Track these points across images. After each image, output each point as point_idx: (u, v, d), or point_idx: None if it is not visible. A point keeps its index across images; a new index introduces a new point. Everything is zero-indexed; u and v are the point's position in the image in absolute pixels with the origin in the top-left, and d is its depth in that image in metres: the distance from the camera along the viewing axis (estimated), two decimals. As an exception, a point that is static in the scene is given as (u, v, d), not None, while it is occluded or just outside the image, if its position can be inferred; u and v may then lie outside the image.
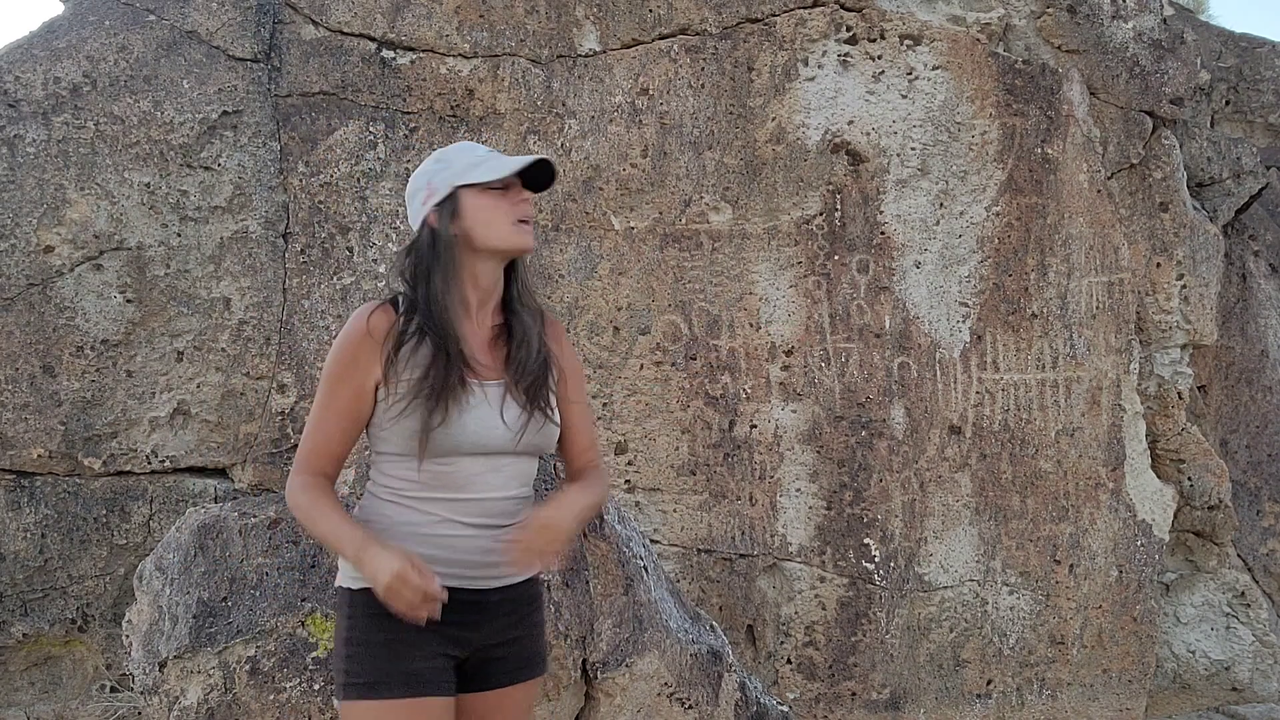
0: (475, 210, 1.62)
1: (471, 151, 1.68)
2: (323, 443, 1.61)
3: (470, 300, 1.66)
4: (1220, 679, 4.03)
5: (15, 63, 3.18)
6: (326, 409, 1.61)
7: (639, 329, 3.41)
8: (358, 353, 1.59)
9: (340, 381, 1.59)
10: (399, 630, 1.54)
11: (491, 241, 1.63)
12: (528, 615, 1.73)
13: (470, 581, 1.61)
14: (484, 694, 1.67)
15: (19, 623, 3.19)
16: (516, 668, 1.70)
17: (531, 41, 3.41)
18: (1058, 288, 3.59)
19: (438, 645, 1.59)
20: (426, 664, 1.57)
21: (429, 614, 1.47)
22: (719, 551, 3.41)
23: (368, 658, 1.56)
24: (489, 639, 1.66)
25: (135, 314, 3.23)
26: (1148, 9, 3.77)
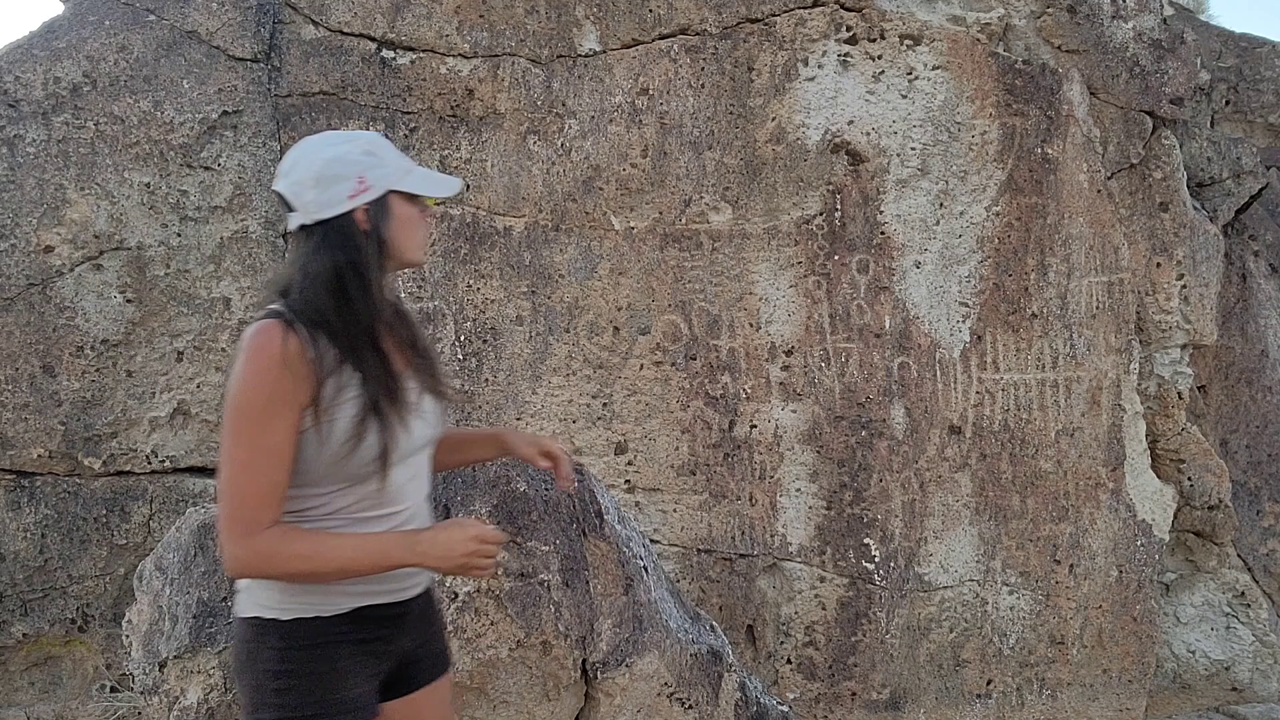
0: (404, 219, 1.55)
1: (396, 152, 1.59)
2: (270, 489, 1.41)
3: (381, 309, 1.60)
4: (1220, 679, 4.03)
5: (15, 63, 3.18)
6: (261, 450, 1.40)
7: (639, 329, 3.41)
8: (279, 391, 1.41)
9: (271, 416, 1.40)
10: (336, 658, 1.51)
11: (408, 254, 1.57)
12: (435, 613, 1.75)
13: (399, 594, 1.60)
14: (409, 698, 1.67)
15: (19, 623, 3.19)
16: (432, 666, 1.71)
17: (531, 41, 3.41)
18: (1058, 288, 3.59)
19: (370, 667, 1.57)
20: (362, 688, 1.54)
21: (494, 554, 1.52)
22: (719, 551, 3.41)
23: (304, 690, 1.49)
24: (409, 645, 1.65)
25: (135, 314, 3.23)
26: (1148, 9, 3.77)
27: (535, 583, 2.32)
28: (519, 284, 3.38)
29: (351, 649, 1.54)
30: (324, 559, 1.43)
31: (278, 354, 1.40)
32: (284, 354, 1.40)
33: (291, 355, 1.41)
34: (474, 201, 3.38)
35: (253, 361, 1.41)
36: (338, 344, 1.46)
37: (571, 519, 2.45)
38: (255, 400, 1.41)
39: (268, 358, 1.40)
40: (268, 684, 1.49)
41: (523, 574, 2.31)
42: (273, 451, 1.41)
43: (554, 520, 2.40)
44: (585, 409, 3.39)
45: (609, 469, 3.37)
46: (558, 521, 2.41)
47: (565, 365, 3.38)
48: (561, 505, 2.44)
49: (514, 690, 2.33)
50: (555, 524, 2.39)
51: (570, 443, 3.36)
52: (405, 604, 1.62)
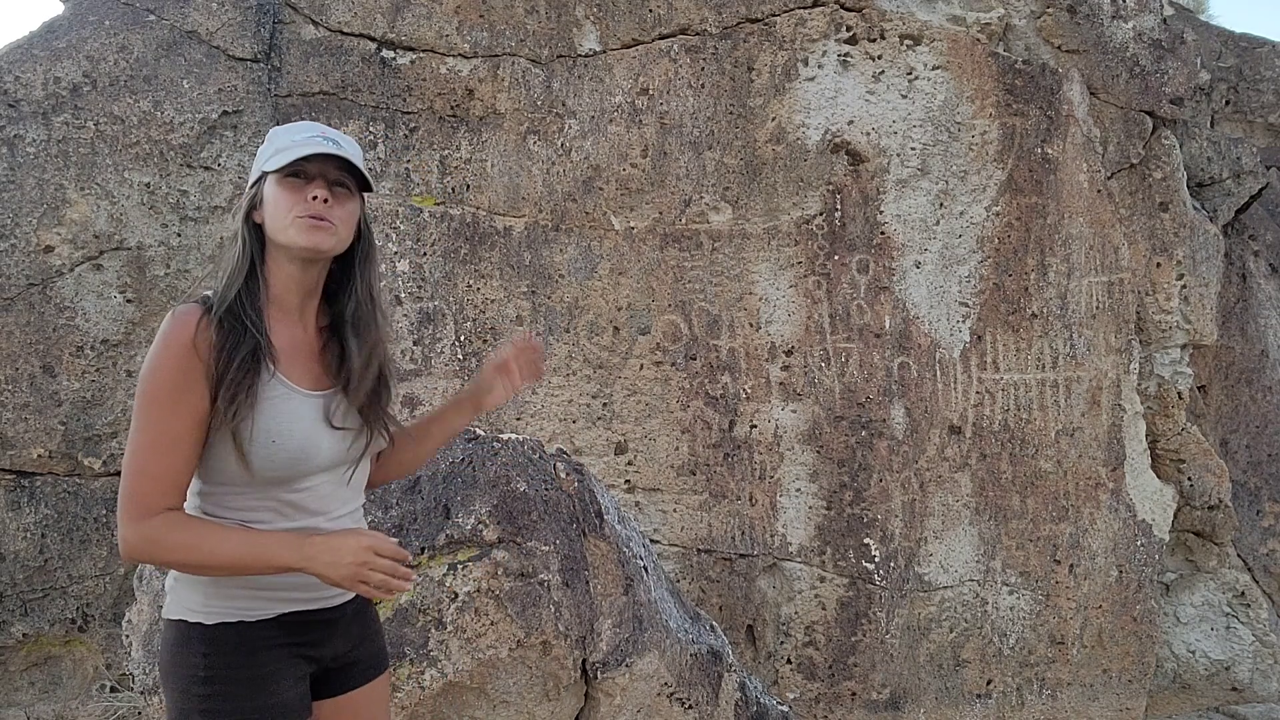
0: (270, 201, 1.46)
1: (294, 133, 1.48)
2: (167, 475, 1.38)
3: (287, 300, 1.51)
4: (1220, 679, 4.03)
5: (15, 63, 3.18)
6: (161, 434, 1.37)
7: (639, 329, 3.41)
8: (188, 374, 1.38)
9: (173, 401, 1.37)
10: (262, 664, 1.48)
11: (278, 237, 1.46)
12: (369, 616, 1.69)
13: (328, 600, 1.56)
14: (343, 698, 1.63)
15: (19, 623, 3.19)
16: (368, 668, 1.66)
17: (531, 41, 3.41)
18: (1058, 288, 3.59)
19: (298, 670, 1.53)
20: (290, 692, 1.50)
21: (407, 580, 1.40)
22: (719, 551, 3.41)
23: (229, 695, 1.44)
24: (340, 649, 1.61)
25: (135, 314, 3.23)
26: (1148, 9, 3.77)
27: (535, 583, 2.32)
28: (519, 284, 3.38)
29: (279, 653, 1.50)
30: (208, 551, 1.37)
31: (188, 336, 1.38)
32: (194, 344, 1.38)
33: (200, 345, 1.38)
34: (474, 201, 3.38)
35: (161, 344, 1.39)
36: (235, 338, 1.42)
37: (571, 519, 2.44)
38: (160, 383, 1.38)
39: (176, 340, 1.38)
40: (194, 689, 1.45)
41: (523, 574, 2.31)
42: (174, 437, 1.38)
43: (554, 520, 2.40)
44: (585, 409, 3.39)
45: (609, 469, 3.37)
46: (558, 521, 2.40)
47: (565, 365, 3.38)
48: (561, 505, 2.44)
49: (514, 690, 2.33)
50: (555, 524, 2.39)
51: (570, 443, 3.36)
52: (334, 609, 1.58)
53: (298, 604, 1.52)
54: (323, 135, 1.47)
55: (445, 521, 2.30)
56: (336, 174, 1.48)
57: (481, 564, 2.26)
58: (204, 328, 1.39)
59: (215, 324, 1.40)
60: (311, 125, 1.51)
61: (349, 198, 1.51)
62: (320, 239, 1.45)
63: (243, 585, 1.47)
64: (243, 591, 1.47)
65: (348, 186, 1.50)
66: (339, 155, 1.45)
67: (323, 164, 1.47)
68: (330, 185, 1.48)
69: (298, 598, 1.52)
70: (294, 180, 1.46)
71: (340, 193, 1.49)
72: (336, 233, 1.47)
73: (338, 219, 1.47)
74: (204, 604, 1.47)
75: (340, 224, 1.48)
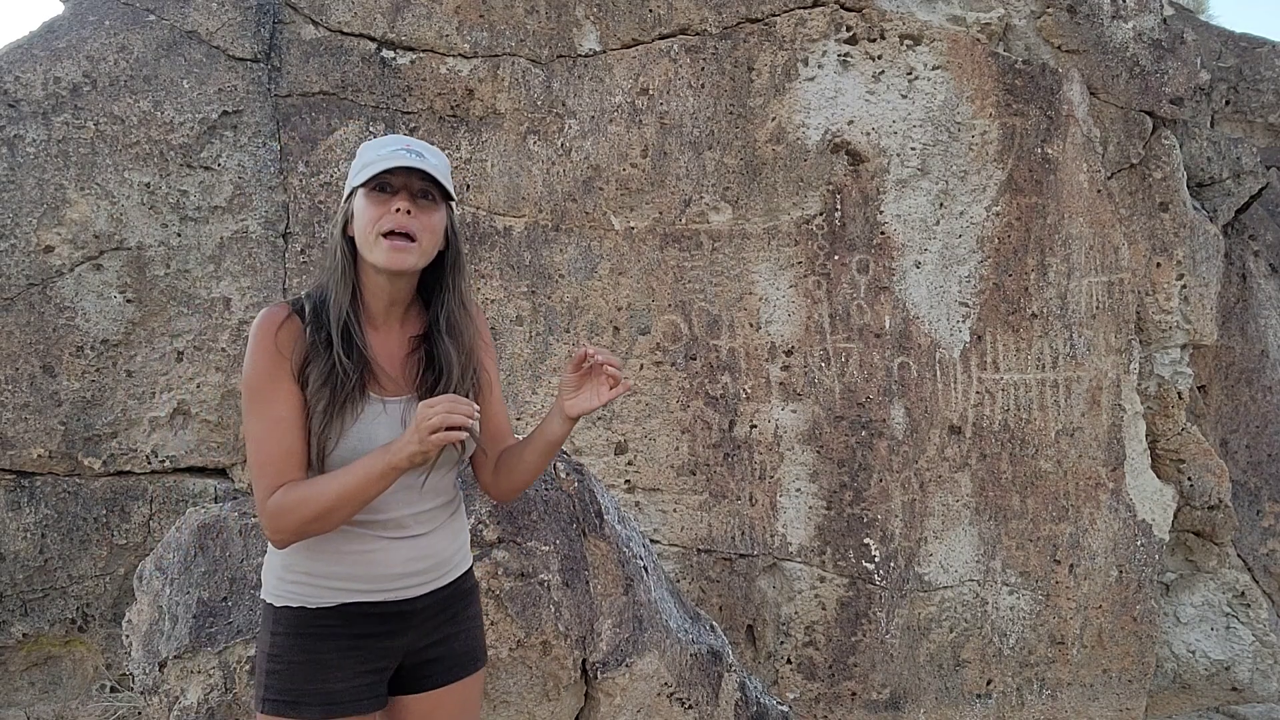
0: (358, 215, 1.52)
1: (380, 147, 1.53)
2: (283, 454, 1.47)
3: (374, 307, 1.57)
4: (1220, 679, 4.03)
5: (15, 63, 3.18)
6: (268, 420, 1.48)
7: (639, 329, 3.41)
8: (275, 368, 1.48)
9: (272, 390, 1.48)
10: (319, 651, 1.53)
11: (365, 253, 1.52)
12: (460, 612, 1.69)
13: (394, 594, 1.58)
14: (422, 695, 1.65)
15: (19, 623, 3.19)
16: (452, 666, 1.67)
17: (531, 41, 3.41)
18: (1058, 288, 3.59)
19: (360, 664, 1.56)
20: (346, 684, 1.54)
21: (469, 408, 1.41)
22: (719, 551, 3.41)
23: (287, 675, 1.53)
24: (418, 643, 1.63)
25: (135, 314, 3.23)
26: (1148, 9, 3.77)
27: (535, 583, 2.32)
28: (519, 284, 3.38)
29: (339, 644, 1.54)
30: (318, 496, 1.44)
31: (272, 331, 1.49)
32: (277, 332, 1.49)
33: (283, 333, 1.49)
34: (474, 201, 3.38)
35: (253, 341, 1.50)
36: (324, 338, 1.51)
37: (571, 519, 2.45)
38: (257, 376, 1.49)
39: (264, 336, 1.49)
40: (263, 664, 1.56)
41: (523, 574, 2.31)
42: (281, 421, 1.47)
43: (554, 520, 2.40)
44: (585, 409, 3.38)
45: (609, 469, 3.37)
46: (558, 521, 2.40)
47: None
48: (561, 505, 2.44)
49: (514, 690, 2.33)
50: (555, 524, 2.39)
51: (570, 443, 3.36)
52: (404, 603, 1.59)
53: (357, 595, 1.56)
54: (407, 148, 1.51)
55: (445, 521, 2.29)
56: (421, 185, 1.52)
57: (481, 564, 2.26)
58: (287, 327, 1.50)
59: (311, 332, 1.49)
60: (398, 139, 1.55)
61: (434, 209, 1.55)
62: (401, 259, 1.50)
63: (306, 572, 1.55)
64: (305, 578, 1.55)
65: (433, 197, 1.55)
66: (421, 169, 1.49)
67: (407, 177, 1.51)
68: (414, 197, 1.52)
69: (356, 589, 1.55)
70: (379, 195, 1.51)
71: (424, 204, 1.53)
72: (418, 248, 1.52)
73: (420, 231, 1.51)
74: (276, 587, 1.57)
75: (423, 236, 1.52)
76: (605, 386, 1.63)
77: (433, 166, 1.51)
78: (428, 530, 1.62)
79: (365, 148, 1.55)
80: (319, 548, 1.54)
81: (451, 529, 1.69)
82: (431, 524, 1.63)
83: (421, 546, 1.61)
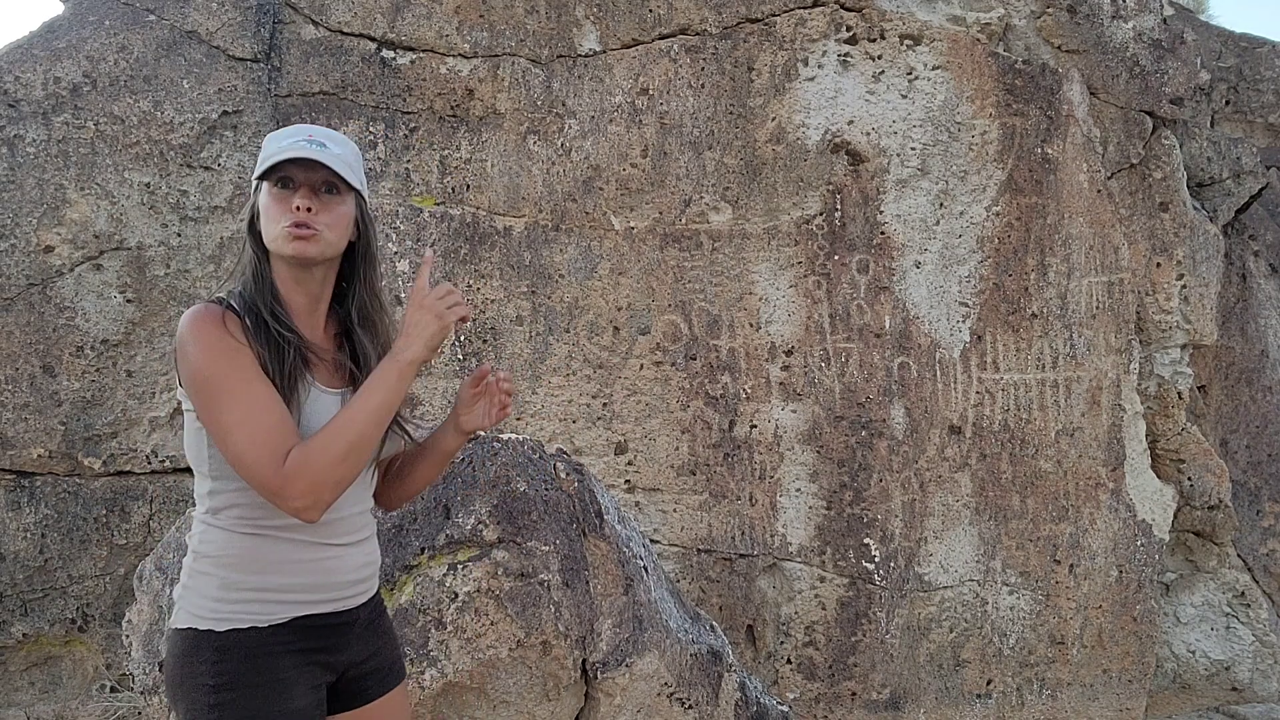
0: (263, 211, 1.46)
1: (281, 139, 1.46)
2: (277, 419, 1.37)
3: (295, 301, 1.50)
4: (1220, 679, 4.03)
5: (15, 63, 3.18)
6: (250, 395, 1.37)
7: (639, 329, 3.41)
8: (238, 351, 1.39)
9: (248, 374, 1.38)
10: (276, 669, 1.45)
11: (270, 246, 1.46)
12: (384, 623, 1.68)
13: (342, 603, 1.54)
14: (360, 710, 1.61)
15: (19, 623, 3.19)
16: (385, 677, 1.64)
17: (531, 41, 3.41)
18: (1058, 288, 3.59)
19: (312, 678, 1.50)
20: (304, 700, 1.47)
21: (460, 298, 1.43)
22: (719, 551, 3.41)
23: (242, 704, 1.42)
24: (356, 656, 1.59)
25: (135, 314, 3.23)
26: (1148, 9, 3.77)
27: (535, 583, 2.32)
28: (519, 284, 3.38)
29: (293, 660, 1.47)
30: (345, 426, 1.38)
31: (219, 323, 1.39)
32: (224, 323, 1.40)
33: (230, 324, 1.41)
34: (474, 201, 3.38)
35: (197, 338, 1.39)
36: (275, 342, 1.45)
37: (571, 519, 2.44)
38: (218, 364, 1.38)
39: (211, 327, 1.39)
40: (203, 699, 1.41)
41: (523, 574, 2.31)
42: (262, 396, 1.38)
43: (554, 520, 2.40)
44: (585, 409, 3.39)
45: (609, 469, 3.37)
46: (558, 521, 2.40)
47: (565, 365, 3.38)
48: (561, 505, 2.44)
49: (514, 690, 2.33)
50: (555, 524, 2.39)
51: (570, 443, 3.36)
52: (349, 613, 1.56)
53: (312, 606, 1.49)
54: (308, 139, 1.44)
55: (445, 521, 2.30)
56: (325, 177, 1.45)
57: (481, 564, 2.26)
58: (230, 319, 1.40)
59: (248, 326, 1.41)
60: (301, 129, 1.48)
61: (338, 201, 1.48)
62: (303, 248, 1.43)
63: (255, 589, 1.45)
64: (256, 595, 1.45)
65: (337, 190, 1.47)
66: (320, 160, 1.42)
67: (308, 169, 1.44)
68: (316, 190, 1.45)
69: (312, 600, 1.49)
70: (281, 190, 1.44)
71: (329, 198, 1.46)
72: (321, 238, 1.44)
73: (324, 225, 1.45)
74: (213, 610, 1.44)
75: (327, 229, 1.45)
76: (496, 408, 1.63)
77: (334, 157, 1.44)
78: (368, 535, 1.61)
79: (269, 139, 1.48)
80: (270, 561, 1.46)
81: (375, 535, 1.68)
82: (370, 528, 1.62)
83: (367, 553, 1.59)
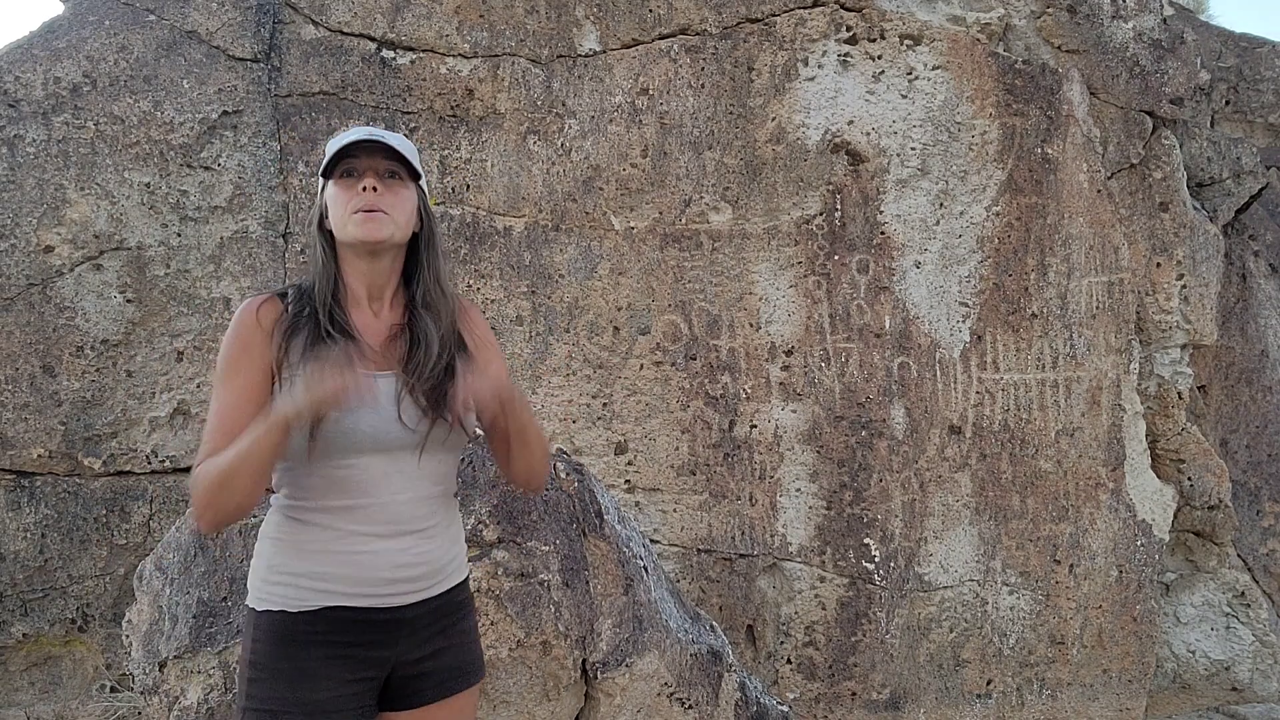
0: (330, 203, 1.53)
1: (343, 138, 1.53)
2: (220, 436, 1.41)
3: (358, 292, 1.55)
4: (1220, 679, 4.03)
5: (15, 63, 3.18)
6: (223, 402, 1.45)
7: (639, 329, 3.41)
8: (250, 342, 1.47)
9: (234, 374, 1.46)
10: (301, 658, 1.46)
11: (340, 235, 1.52)
12: (454, 625, 1.61)
13: (383, 600, 1.51)
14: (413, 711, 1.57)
15: (19, 623, 3.19)
16: (444, 680, 1.59)
17: (531, 41, 3.41)
18: (1058, 288, 3.59)
19: (346, 672, 1.49)
20: (330, 694, 1.47)
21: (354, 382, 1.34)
22: (719, 551, 3.41)
23: (268, 684, 1.46)
24: (408, 654, 1.55)
25: (135, 314, 3.23)
26: (1148, 9, 3.77)
27: (535, 583, 2.32)
28: (519, 284, 3.38)
29: (323, 651, 1.47)
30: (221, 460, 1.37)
31: (250, 319, 1.49)
32: (256, 319, 1.49)
33: (263, 311, 1.50)
34: (474, 201, 3.38)
35: (230, 328, 1.51)
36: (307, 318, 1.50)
37: (571, 519, 2.45)
38: (223, 361, 1.49)
39: (242, 323, 1.50)
40: (244, 673, 1.50)
41: (523, 574, 2.31)
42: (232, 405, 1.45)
43: (554, 520, 2.40)
44: (585, 409, 3.39)
45: (609, 469, 3.37)
46: (558, 521, 2.41)
47: (565, 365, 3.38)
48: (561, 505, 2.44)
49: (514, 690, 2.33)
50: (555, 524, 2.39)
51: (570, 443, 3.36)
52: (393, 610, 1.52)
53: (342, 599, 1.48)
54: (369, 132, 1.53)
55: (445, 521, 2.29)
56: (386, 165, 1.52)
57: (481, 564, 2.26)
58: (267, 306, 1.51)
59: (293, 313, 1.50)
60: (361, 129, 1.55)
61: (402, 185, 1.54)
62: (373, 229, 1.49)
63: (290, 573, 1.49)
64: (288, 579, 1.49)
65: (400, 176, 1.54)
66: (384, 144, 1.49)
67: (370, 158, 1.52)
68: (381, 176, 1.52)
69: (343, 591, 1.48)
70: (347, 180, 1.51)
71: (393, 182, 1.53)
72: (391, 220, 1.51)
73: (390, 206, 1.51)
74: (259, 589, 1.51)
75: (394, 210, 1.51)
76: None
77: (397, 142, 1.52)
78: (423, 529, 1.54)
79: (331, 142, 1.55)
80: (305, 547, 1.48)
81: (449, 534, 1.62)
82: (428, 520, 1.56)
83: (415, 551, 1.53)
